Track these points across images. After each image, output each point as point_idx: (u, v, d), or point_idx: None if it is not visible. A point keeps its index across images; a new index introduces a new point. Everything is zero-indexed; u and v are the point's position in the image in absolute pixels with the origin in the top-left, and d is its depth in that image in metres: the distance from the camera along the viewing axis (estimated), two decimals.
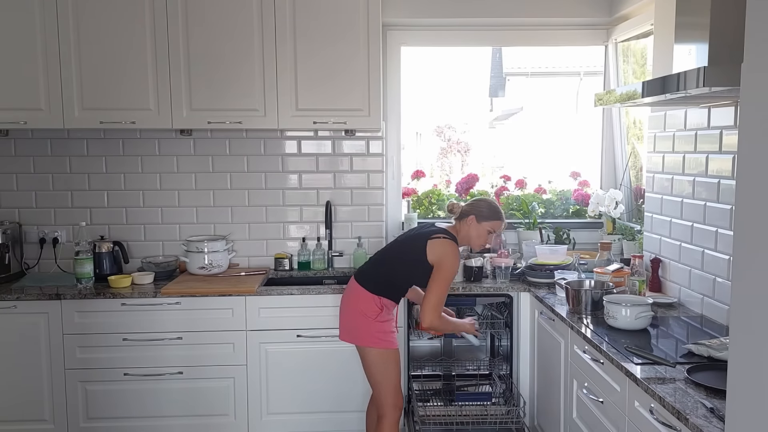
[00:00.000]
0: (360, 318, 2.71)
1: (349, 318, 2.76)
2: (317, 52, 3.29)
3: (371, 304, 2.70)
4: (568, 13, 3.62)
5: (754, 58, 1.29)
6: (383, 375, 2.72)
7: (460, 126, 6.41)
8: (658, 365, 2.01)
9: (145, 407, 3.18)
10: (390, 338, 2.73)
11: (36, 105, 3.24)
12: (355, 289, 2.76)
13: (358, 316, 2.72)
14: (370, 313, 2.69)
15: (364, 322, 2.70)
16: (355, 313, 2.73)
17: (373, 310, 2.69)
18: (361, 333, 2.72)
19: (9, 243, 3.44)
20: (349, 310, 2.76)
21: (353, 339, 2.76)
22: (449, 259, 2.64)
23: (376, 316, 2.69)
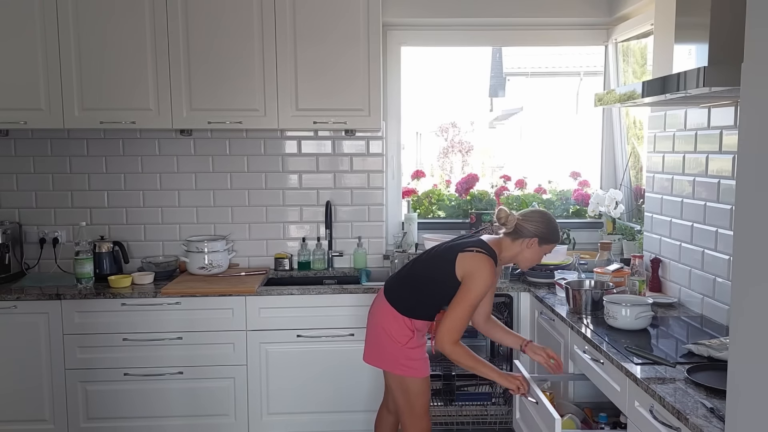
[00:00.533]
0: (387, 341, 2.44)
1: (376, 339, 2.49)
2: (317, 51, 3.29)
3: (402, 328, 2.41)
4: (568, 13, 3.62)
5: (754, 58, 1.29)
6: (407, 403, 2.48)
7: (464, 125, 6.42)
8: (658, 365, 2.01)
9: (145, 407, 3.18)
10: (419, 366, 2.45)
11: (36, 105, 3.24)
12: (383, 307, 2.47)
13: (386, 338, 2.44)
14: (400, 338, 2.41)
15: (391, 346, 2.43)
16: (383, 334, 2.45)
17: (404, 335, 2.41)
18: (387, 358, 2.46)
19: (9, 243, 3.44)
20: (377, 330, 2.48)
21: (379, 363, 2.50)
22: (479, 276, 2.30)
23: (406, 342, 2.41)
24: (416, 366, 2.45)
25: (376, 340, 2.50)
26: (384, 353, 2.47)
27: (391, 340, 2.43)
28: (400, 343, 2.42)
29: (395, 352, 2.43)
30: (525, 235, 2.40)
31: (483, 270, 2.31)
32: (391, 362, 2.45)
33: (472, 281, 2.30)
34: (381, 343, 2.47)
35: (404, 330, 2.42)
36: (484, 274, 2.31)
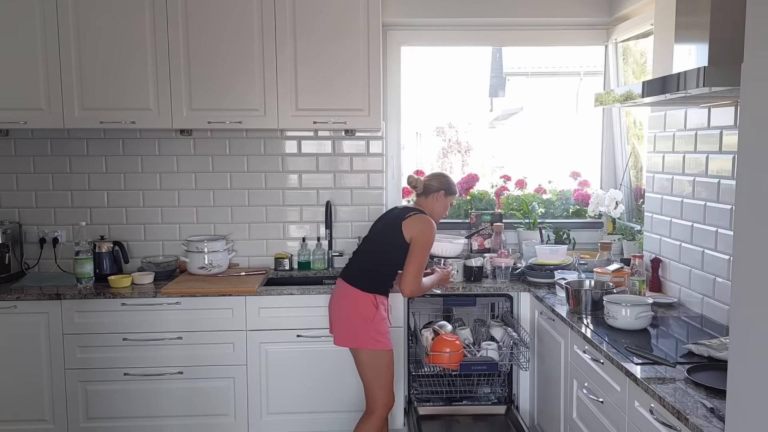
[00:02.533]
0: (357, 319, 2.72)
1: (346, 321, 2.76)
2: (317, 51, 3.29)
3: (368, 304, 2.72)
4: (568, 13, 3.62)
5: (754, 58, 1.29)
6: (378, 375, 2.75)
7: (462, 126, 6.41)
8: (658, 365, 2.01)
9: (145, 407, 3.18)
10: (385, 339, 2.75)
11: (36, 105, 3.24)
12: (347, 291, 2.76)
13: (355, 317, 2.73)
14: (367, 314, 2.71)
15: (361, 323, 2.71)
16: (352, 315, 2.74)
17: (371, 311, 2.71)
18: (359, 335, 2.73)
19: (9, 243, 3.44)
20: (345, 313, 2.76)
21: (350, 342, 2.76)
22: (426, 231, 2.74)
23: (373, 317, 2.71)
24: (384, 339, 2.74)
25: (346, 322, 2.76)
26: (357, 332, 2.73)
27: (361, 318, 2.71)
28: (369, 319, 2.71)
29: (366, 328, 2.71)
30: (432, 190, 2.88)
31: (428, 224, 2.77)
32: (363, 339, 2.72)
33: (422, 236, 2.73)
34: (352, 323, 2.73)
35: (370, 306, 2.72)
36: (429, 228, 2.76)
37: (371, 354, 2.73)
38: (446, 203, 2.92)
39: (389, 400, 2.80)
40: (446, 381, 3.33)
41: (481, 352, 3.10)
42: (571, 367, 2.62)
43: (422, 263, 2.75)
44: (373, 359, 2.73)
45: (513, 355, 3.13)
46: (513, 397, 3.37)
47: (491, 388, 3.42)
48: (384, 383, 2.77)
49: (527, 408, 3.30)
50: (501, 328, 3.21)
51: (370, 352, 2.72)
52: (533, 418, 3.23)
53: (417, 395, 3.39)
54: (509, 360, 3.15)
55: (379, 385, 2.76)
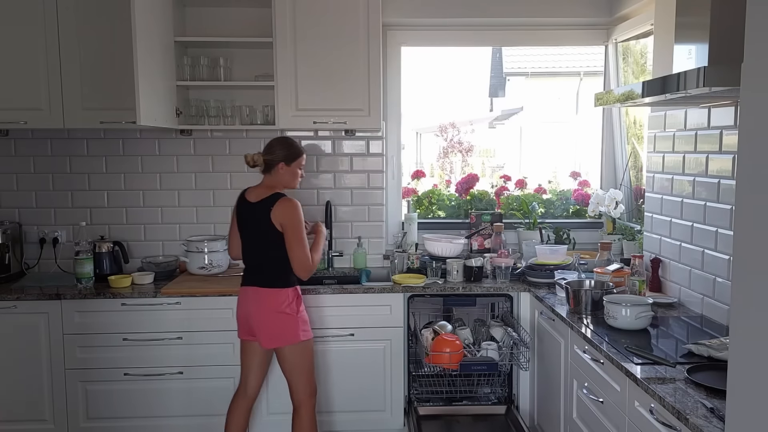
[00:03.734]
0: (283, 317, 2.69)
1: (271, 324, 2.70)
2: (317, 51, 3.29)
3: (289, 299, 2.69)
4: (568, 13, 3.62)
5: (754, 58, 1.29)
6: (305, 366, 2.76)
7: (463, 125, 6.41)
8: (658, 365, 2.01)
9: (145, 407, 3.18)
10: (309, 328, 2.78)
11: (36, 105, 3.24)
12: (263, 294, 2.70)
13: (281, 316, 2.68)
14: (291, 309, 2.70)
15: (288, 320, 2.69)
16: (277, 314, 2.69)
17: (293, 305, 2.70)
18: (287, 332, 2.70)
19: (9, 243, 3.44)
20: (269, 315, 2.70)
21: (281, 341, 2.71)
22: (290, 213, 2.64)
23: (297, 311, 2.72)
24: (308, 328, 2.77)
25: (272, 324, 2.70)
26: (285, 330, 2.70)
27: (287, 315, 2.69)
28: (294, 313, 2.70)
29: (293, 323, 2.70)
30: (274, 164, 2.73)
31: (292, 208, 2.67)
32: (293, 334, 2.70)
33: (291, 219, 2.65)
34: (279, 322, 2.69)
35: (289, 300, 2.70)
36: (295, 210, 2.67)
37: (298, 347, 2.72)
38: (294, 171, 2.76)
39: (314, 386, 2.82)
40: (446, 381, 3.33)
41: (481, 352, 3.10)
42: (571, 367, 2.62)
43: (304, 242, 2.66)
44: (300, 351, 2.73)
45: (513, 355, 3.13)
46: (513, 397, 3.37)
47: (491, 388, 3.42)
48: (309, 372, 2.78)
49: (527, 408, 3.30)
50: (501, 328, 3.21)
51: (296, 346, 2.71)
52: (533, 418, 3.23)
53: (417, 395, 3.39)
54: (509, 360, 3.15)
55: (305, 375, 2.76)
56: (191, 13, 3.52)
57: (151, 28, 2.98)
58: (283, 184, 2.77)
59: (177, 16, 3.35)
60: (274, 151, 2.73)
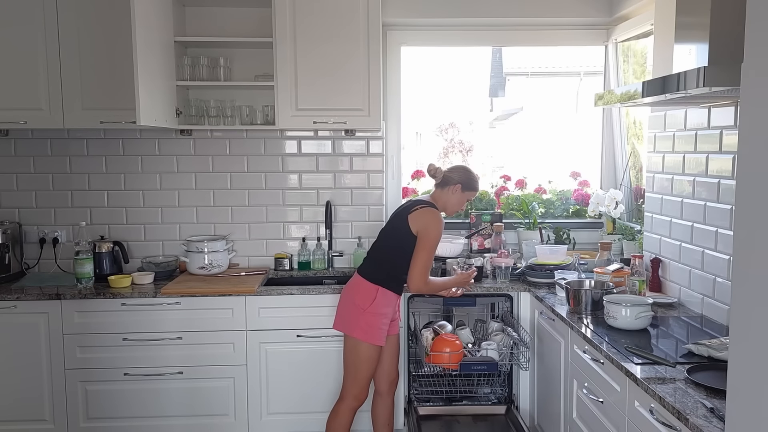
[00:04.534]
0: (352, 308, 2.77)
1: (343, 307, 2.83)
2: (317, 51, 3.29)
3: (366, 294, 2.75)
4: (568, 13, 3.62)
5: (754, 58, 1.29)
6: (356, 365, 2.79)
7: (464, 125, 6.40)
8: (658, 365, 2.01)
9: (145, 407, 3.18)
10: (375, 333, 2.75)
11: (36, 105, 3.24)
12: (355, 281, 2.83)
13: (351, 305, 2.78)
14: (362, 304, 2.74)
15: (354, 311, 2.76)
16: (349, 301, 2.80)
17: (366, 301, 2.74)
18: (349, 322, 2.77)
19: (9, 243, 3.44)
20: (345, 299, 2.84)
21: (341, 326, 2.82)
22: (432, 225, 2.71)
23: (367, 307, 2.73)
24: (373, 333, 2.74)
25: (343, 308, 2.82)
26: (348, 318, 2.78)
27: (355, 306, 2.76)
28: (362, 309, 2.73)
29: (357, 316, 2.74)
30: (450, 183, 2.84)
31: (433, 219, 2.73)
32: (352, 326, 2.75)
33: (427, 230, 2.71)
34: (347, 309, 2.79)
35: (367, 296, 2.74)
36: (435, 222, 2.73)
37: (355, 343, 2.76)
38: (462, 198, 2.87)
39: (360, 393, 2.82)
40: (446, 381, 3.33)
41: (481, 352, 3.10)
42: (571, 367, 2.62)
43: (429, 258, 2.73)
44: (355, 348, 2.77)
45: (513, 355, 3.13)
46: (513, 397, 3.37)
47: (491, 388, 3.42)
48: (358, 375, 2.79)
49: (527, 408, 3.30)
50: (501, 328, 3.21)
51: (354, 341, 2.76)
52: (533, 418, 3.23)
53: (417, 395, 3.39)
54: (509, 360, 3.15)
55: (353, 374, 2.80)
56: (191, 13, 3.52)
57: (151, 28, 2.98)
58: (446, 203, 2.86)
59: (177, 16, 3.35)
60: (457, 171, 2.86)
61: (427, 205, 2.79)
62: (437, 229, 2.73)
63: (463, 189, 2.84)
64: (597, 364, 2.32)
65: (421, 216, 2.73)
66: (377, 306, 2.74)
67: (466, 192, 2.85)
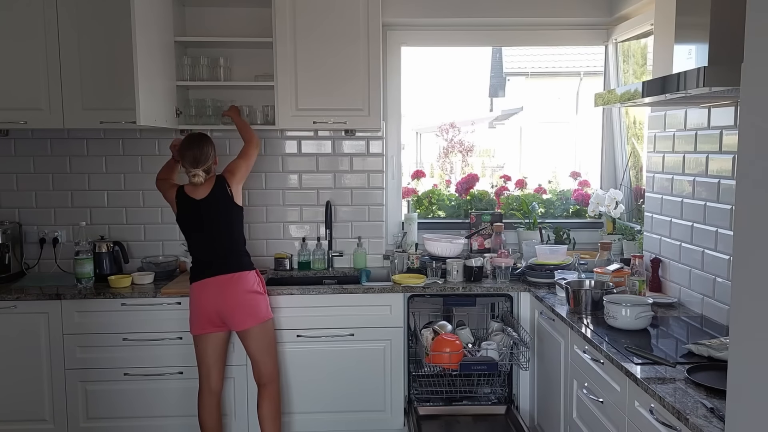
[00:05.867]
0: (253, 297, 2.85)
1: (244, 305, 2.84)
2: (317, 51, 3.29)
3: (255, 280, 2.88)
4: (568, 13, 3.62)
5: (754, 58, 1.29)
6: (272, 343, 2.95)
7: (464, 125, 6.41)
8: (658, 365, 2.01)
9: (145, 407, 3.17)
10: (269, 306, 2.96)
11: (36, 105, 3.24)
12: (229, 280, 2.83)
13: (251, 296, 2.85)
14: (260, 288, 2.89)
15: (258, 299, 2.87)
16: (248, 295, 2.84)
17: (258, 284, 2.88)
18: (259, 311, 2.87)
19: (9, 243, 3.44)
20: (241, 298, 2.83)
21: (253, 321, 2.86)
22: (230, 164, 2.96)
23: (263, 289, 2.92)
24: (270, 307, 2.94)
25: (245, 306, 2.83)
26: (257, 309, 2.86)
27: (256, 294, 2.86)
28: (262, 292, 2.90)
29: (258, 301, 2.86)
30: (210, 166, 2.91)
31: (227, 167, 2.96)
32: (260, 312, 2.87)
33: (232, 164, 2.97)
34: (251, 303, 2.84)
35: (257, 281, 2.89)
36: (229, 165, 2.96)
37: (265, 325, 2.90)
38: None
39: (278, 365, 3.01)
40: (446, 381, 3.32)
41: (481, 352, 3.10)
42: (571, 367, 2.62)
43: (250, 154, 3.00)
44: (267, 329, 2.91)
45: (513, 355, 3.13)
46: (513, 397, 3.37)
47: (491, 388, 3.42)
48: (275, 351, 2.98)
49: (527, 408, 3.30)
50: (501, 328, 3.21)
51: (264, 324, 2.89)
52: (533, 418, 3.23)
53: (417, 395, 3.38)
54: (509, 360, 3.15)
55: (272, 353, 2.95)
56: (191, 13, 3.52)
57: (151, 28, 2.98)
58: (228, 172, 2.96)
59: (177, 16, 3.35)
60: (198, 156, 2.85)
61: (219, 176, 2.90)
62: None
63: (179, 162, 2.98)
64: (597, 364, 2.32)
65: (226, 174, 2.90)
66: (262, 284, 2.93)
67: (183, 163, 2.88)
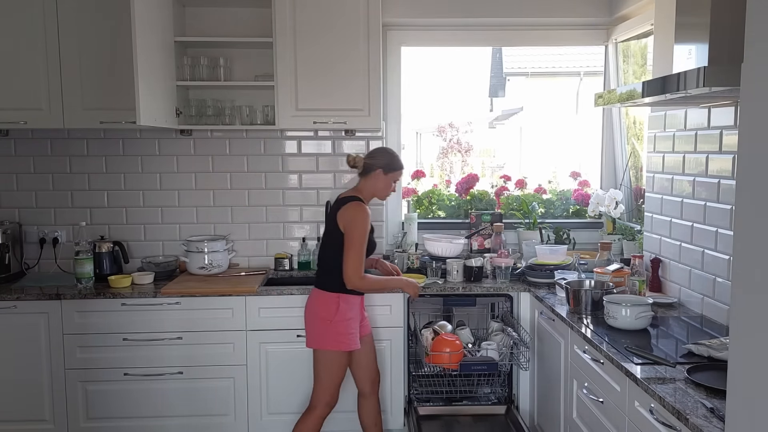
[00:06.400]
0: (316, 321, 2.75)
1: (310, 325, 2.79)
2: (317, 51, 3.29)
3: (329, 305, 2.72)
4: (568, 13, 3.62)
5: (754, 58, 1.29)
6: (329, 375, 2.78)
7: (463, 126, 6.41)
8: (658, 365, 2.01)
9: (145, 407, 3.18)
10: (347, 340, 2.74)
11: (36, 105, 3.24)
12: (313, 295, 2.81)
13: (316, 320, 2.75)
14: (327, 316, 2.72)
15: (321, 325, 2.74)
16: (313, 317, 2.77)
17: (330, 311, 2.72)
18: (317, 336, 2.76)
19: (9, 243, 3.44)
20: (308, 316, 2.81)
21: (312, 343, 2.79)
22: (355, 219, 2.66)
23: (332, 317, 2.71)
24: (345, 340, 2.74)
25: (309, 325, 2.80)
26: (316, 333, 2.76)
27: (320, 320, 2.74)
28: (328, 320, 2.72)
29: (324, 329, 2.73)
30: (372, 169, 2.78)
31: (356, 212, 2.68)
32: (322, 340, 2.74)
33: (351, 225, 2.67)
34: (313, 325, 2.77)
35: (330, 306, 2.72)
36: (358, 215, 2.68)
37: (328, 353, 2.75)
38: (388, 181, 2.80)
39: (332, 400, 2.83)
40: (446, 381, 3.33)
41: (481, 352, 3.10)
42: (571, 367, 2.62)
43: (357, 253, 2.65)
44: (326, 358, 2.76)
45: (513, 355, 3.12)
46: (513, 397, 3.37)
47: (491, 388, 3.42)
48: (332, 384, 2.79)
49: (527, 408, 3.30)
50: (501, 328, 3.21)
51: (326, 352, 2.75)
52: (533, 418, 3.23)
53: (417, 395, 3.39)
54: (509, 360, 3.15)
55: (326, 384, 2.79)
56: (191, 13, 3.52)
57: (151, 28, 2.98)
58: (374, 191, 2.81)
59: (177, 16, 3.35)
60: (375, 156, 2.80)
61: (351, 199, 2.74)
62: (361, 222, 2.67)
63: (385, 171, 2.78)
64: (597, 364, 2.32)
65: (344, 212, 2.69)
66: (342, 314, 2.73)
67: (390, 174, 2.79)
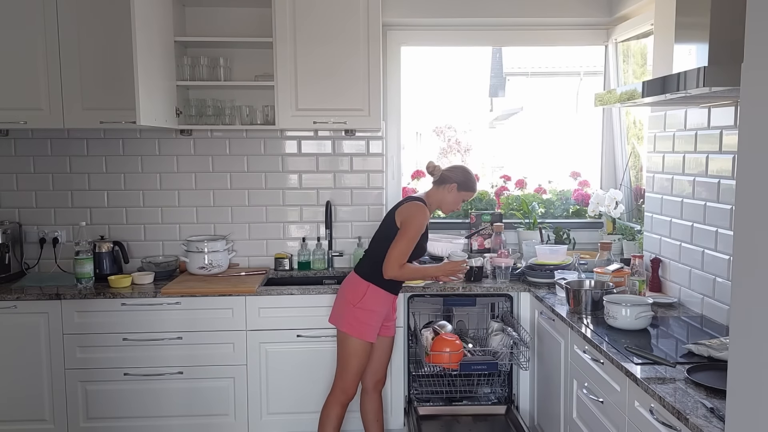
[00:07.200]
0: (342, 301, 2.84)
1: (338, 302, 2.88)
2: (317, 51, 3.29)
3: (356, 289, 2.79)
4: (568, 13, 3.62)
5: (754, 58, 1.29)
6: (345, 359, 2.82)
7: (461, 126, 6.40)
8: (658, 365, 2.01)
9: (145, 407, 3.18)
10: (363, 329, 2.78)
11: (36, 105, 3.24)
12: (349, 277, 2.88)
13: (342, 300, 2.84)
14: (351, 299, 2.79)
15: (344, 306, 2.81)
16: (341, 296, 2.86)
17: (356, 296, 2.78)
18: (341, 316, 2.82)
19: (9, 243, 3.44)
20: (340, 295, 2.89)
21: (333, 319, 2.88)
22: (414, 215, 2.74)
23: (356, 302, 2.77)
24: (361, 328, 2.77)
25: (338, 303, 2.88)
26: (339, 311, 2.83)
27: (345, 301, 2.81)
28: (351, 304, 2.78)
29: (347, 311, 2.79)
30: (447, 181, 2.87)
31: (417, 210, 2.76)
32: (341, 320, 2.80)
33: (409, 220, 2.74)
34: (339, 303, 2.85)
35: (357, 291, 2.79)
36: (418, 213, 2.75)
37: (344, 336, 2.80)
38: (458, 198, 2.89)
39: (347, 387, 2.85)
40: (446, 381, 3.33)
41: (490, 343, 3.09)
42: (571, 367, 2.62)
43: (407, 245, 2.72)
44: (344, 341, 2.82)
45: (513, 355, 3.13)
46: (513, 397, 3.37)
47: (491, 388, 3.42)
48: (346, 369, 2.83)
49: (527, 408, 3.30)
50: (501, 327, 3.20)
51: (344, 334, 2.80)
52: (533, 418, 3.23)
53: (417, 395, 3.39)
54: (509, 360, 3.15)
55: (342, 367, 2.84)
56: (191, 13, 3.53)
57: (151, 28, 2.98)
58: (441, 202, 2.89)
59: (177, 16, 3.35)
60: (455, 171, 2.89)
61: (416, 199, 2.84)
62: (419, 220, 2.74)
63: (459, 188, 2.87)
64: (597, 364, 2.32)
65: (405, 209, 2.78)
66: (366, 302, 2.77)
67: (462, 192, 2.88)
